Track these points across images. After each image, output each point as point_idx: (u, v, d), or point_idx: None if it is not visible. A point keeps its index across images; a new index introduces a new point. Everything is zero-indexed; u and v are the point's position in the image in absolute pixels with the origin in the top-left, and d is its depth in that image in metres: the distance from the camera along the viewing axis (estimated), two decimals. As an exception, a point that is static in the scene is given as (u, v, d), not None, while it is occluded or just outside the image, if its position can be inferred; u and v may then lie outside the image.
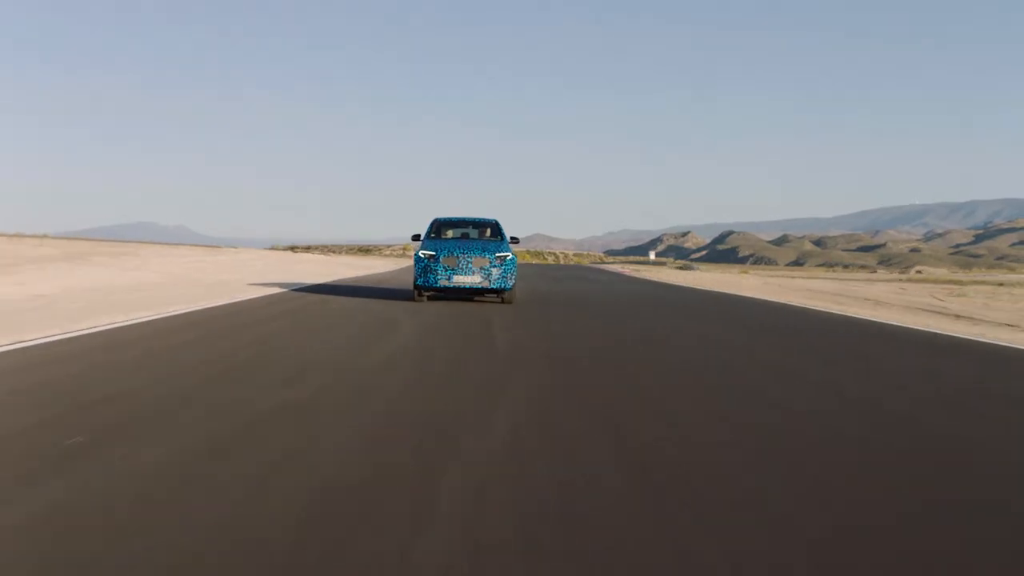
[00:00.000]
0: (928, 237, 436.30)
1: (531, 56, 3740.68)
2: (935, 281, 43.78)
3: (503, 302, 12.65)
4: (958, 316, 14.29)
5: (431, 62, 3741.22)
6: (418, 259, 12.30)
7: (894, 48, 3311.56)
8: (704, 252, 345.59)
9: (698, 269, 70.61)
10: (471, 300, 13.34)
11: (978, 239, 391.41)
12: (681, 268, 72.48)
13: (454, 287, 12.17)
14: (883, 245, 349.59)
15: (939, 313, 15.10)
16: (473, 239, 13.37)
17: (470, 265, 12.05)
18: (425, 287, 12.32)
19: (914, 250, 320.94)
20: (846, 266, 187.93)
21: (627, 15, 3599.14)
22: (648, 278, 36.28)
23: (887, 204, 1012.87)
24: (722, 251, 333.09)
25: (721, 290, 23.81)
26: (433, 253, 12.15)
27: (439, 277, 12.05)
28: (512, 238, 13.42)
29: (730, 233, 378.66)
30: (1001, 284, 37.25)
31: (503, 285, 12.20)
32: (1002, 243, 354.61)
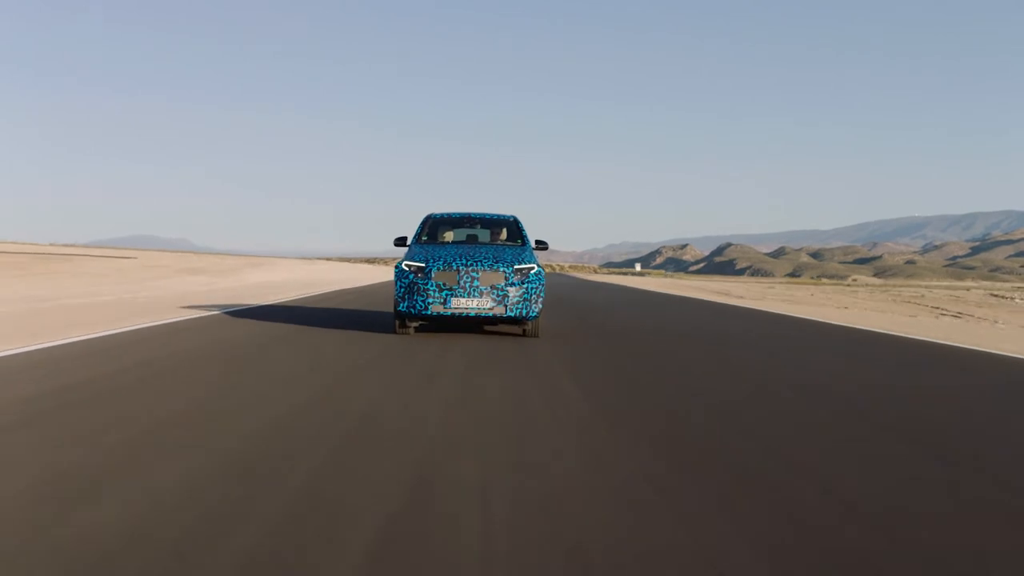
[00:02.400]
0: (926, 249, 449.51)
1: (538, 69, 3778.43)
2: (813, 284, 61.57)
3: (524, 335, 9.12)
4: (729, 295, 30.75)
5: (430, 75, 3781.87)
6: (400, 273, 8.72)
7: (897, 59, 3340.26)
8: (702, 264, 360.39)
9: (669, 277, 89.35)
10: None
11: (974, 251, 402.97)
12: (661, 277, 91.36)
13: (453, 315, 8.47)
14: (879, 257, 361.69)
15: (720, 293, 31.83)
16: (482, 244, 9.92)
17: (476, 283, 8.48)
18: (410, 315, 8.64)
19: (909, 262, 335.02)
20: (843, 277, 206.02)
21: (633, 30, 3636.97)
22: (591, 280, 55.45)
23: (888, 216, 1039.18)
24: (719, 263, 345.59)
25: (623, 284, 41.54)
26: (422, 265, 8.60)
27: (431, 300, 8.46)
28: (538, 243, 10.05)
29: (728, 246, 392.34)
30: (849, 284, 54.90)
31: (525, 312, 8.65)
32: (998, 255, 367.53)
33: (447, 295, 8.42)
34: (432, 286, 8.44)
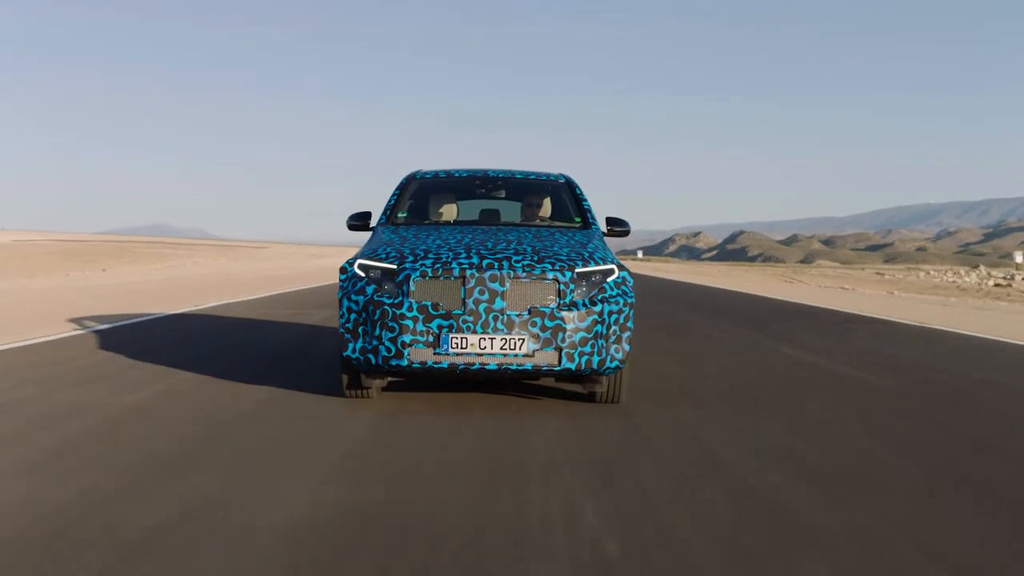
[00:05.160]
0: (939, 236, 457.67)
1: (547, 55, 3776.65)
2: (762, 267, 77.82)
3: (593, 398, 4.75)
4: (659, 270, 46.65)
5: (436, 60, 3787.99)
6: (350, 283, 4.50)
7: (912, 45, 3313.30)
8: (715, 252, 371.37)
9: (664, 263, 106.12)
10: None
11: (987, 238, 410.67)
12: (655, 262, 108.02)
13: (453, 367, 4.25)
14: (891, 244, 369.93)
15: (656, 269, 47.59)
16: (510, 226, 5.31)
17: (500, 302, 4.24)
18: (372, 368, 4.38)
19: (920, 249, 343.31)
20: (852, 263, 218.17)
21: (641, 16, 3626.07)
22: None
23: (902, 203, 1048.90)
24: (732, 251, 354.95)
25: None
26: (392, 266, 4.41)
27: (408, 338, 4.22)
28: (611, 223, 5.58)
29: (741, 233, 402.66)
30: (814, 267, 71.10)
31: (598, 360, 4.35)
32: (1011, 242, 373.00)
33: (442, 327, 4.17)
34: (411, 308, 4.21)
